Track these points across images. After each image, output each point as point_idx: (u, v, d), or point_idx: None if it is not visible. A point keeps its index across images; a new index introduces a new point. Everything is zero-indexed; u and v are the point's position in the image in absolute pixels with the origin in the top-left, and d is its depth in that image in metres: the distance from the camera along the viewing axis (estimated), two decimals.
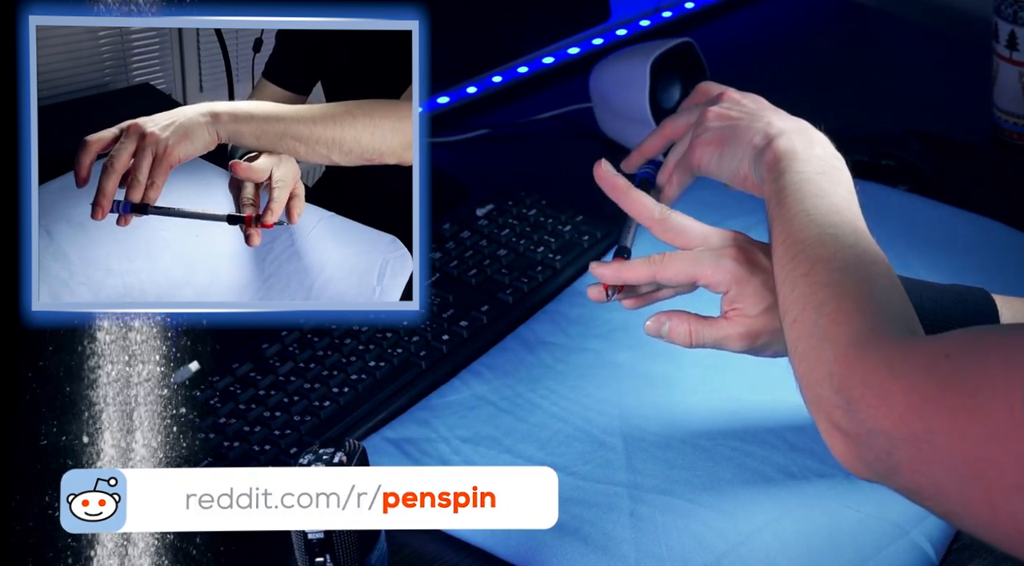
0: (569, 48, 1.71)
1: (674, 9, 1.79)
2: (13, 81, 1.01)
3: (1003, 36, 1.50)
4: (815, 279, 0.94)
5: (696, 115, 1.11)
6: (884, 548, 1.03)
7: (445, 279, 1.30)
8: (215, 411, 1.16)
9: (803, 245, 0.97)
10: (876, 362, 0.86)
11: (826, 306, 0.92)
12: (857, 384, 0.86)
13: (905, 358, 0.85)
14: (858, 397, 0.86)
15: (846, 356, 0.88)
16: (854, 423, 0.86)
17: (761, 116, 1.07)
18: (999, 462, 0.78)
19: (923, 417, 0.82)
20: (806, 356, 0.91)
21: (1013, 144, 1.54)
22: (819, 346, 0.90)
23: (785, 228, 0.99)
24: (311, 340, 1.22)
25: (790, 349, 0.94)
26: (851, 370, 0.87)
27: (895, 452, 0.84)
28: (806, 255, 0.96)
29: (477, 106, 1.64)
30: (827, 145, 1.06)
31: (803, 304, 0.94)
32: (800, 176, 1.02)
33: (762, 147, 1.05)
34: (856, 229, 0.99)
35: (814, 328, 0.92)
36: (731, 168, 1.08)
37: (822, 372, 0.89)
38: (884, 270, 0.95)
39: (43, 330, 1.03)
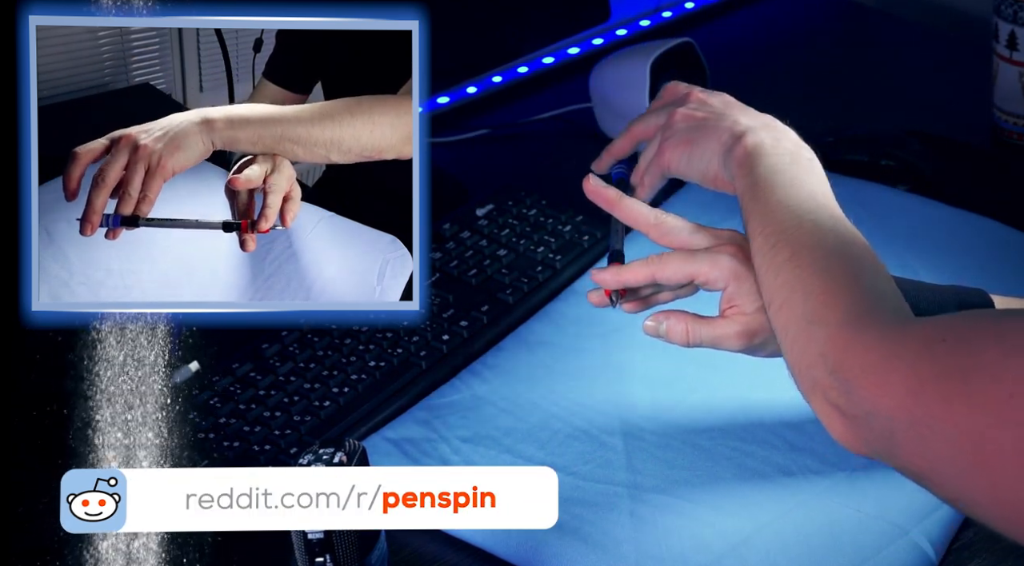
0: (569, 48, 1.71)
1: (674, 9, 1.79)
2: (13, 81, 1.01)
3: (1003, 36, 1.50)
4: (799, 264, 0.94)
5: (664, 116, 1.11)
6: (884, 548, 1.03)
7: (445, 279, 1.30)
8: (215, 411, 1.16)
9: (784, 233, 0.97)
10: (873, 343, 0.86)
11: (814, 289, 0.92)
12: (855, 366, 0.86)
13: (902, 341, 0.85)
14: (856, 378, 0.85)
15: (840, 337, 0.88)
16: (852, 404, 0.86)
17: (727, 115, 1.08)
18: (1000, 449, 0.78)
19: (922, 402, 0.82)
20: (797, 340, 0.91)
21: (1013, 144, 1.54)
22: (809, 329, 0.90)
23: (763, 219, 0.99)
24: (311, 340, 1.22)
25: (779, 336, 0.94)
26: (847, 351, 0.87)
27: (896, 434, 0.84)
28: (787, 242, 0.96)
29: (477, 106, 1.64)
30: (794, 137, 1.06)
31: (790, 289, 0.94)
32: (771, 168, 1.02)
33: (730, 145, 1.05)
34: (834, 215, 0.99)
35: (803, 311, 0.92)
36: (701, 168, 1.08)
37: (814, 355, 0.89)
38: (867, 253, 0.95)
39: (43, 330, 1.03)
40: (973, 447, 0.79)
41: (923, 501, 1.06)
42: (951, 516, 1.06)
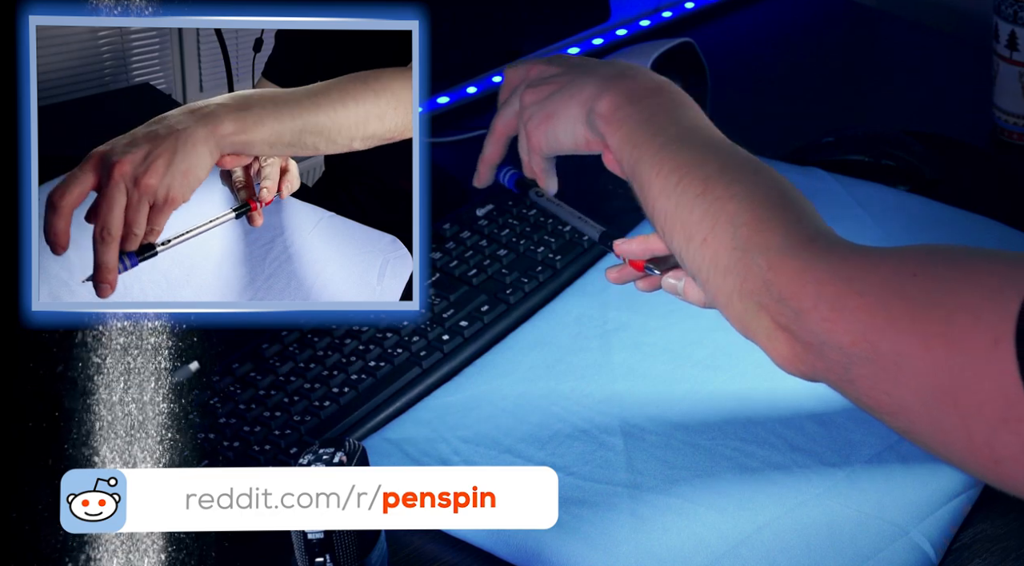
0: (569, 48, 1.71)
1: (674, 9, 1.79)
2: (13, 81, 1.01)
3: (1003, 36, 1.50)
4: (715, 195, 0.90)
5: (516, 102, 1.08)
6: (884, 548, 1.03)
7: (445, 279, 1.30)
8: (215, 411, 1.16)
9: (686, 167, 0.93)
10: (826, 275, 0.82)
11: (740, 216, 0.88)
12: (807, 296, 0.82)
13: (865, 272, 0.81)
14: (809, 310, 0.82)
15: (786, 265, 0.84)
16: (805, 332, 0.82)
17: (575, 77, 1.04)
18: (978, 393, 0.75)
19: (889, 338, 0.78)
20: (732, 270, 0.87)
21: (1013, 144, 1.54)
22: (746, 257, 0.86)
23: (655, 161, 0.95)
24: (311, 340, 1.22)
25: (708, 270, 0.89)
26: (797, 281, 0.83)
27: (852, 367, 0.80)
28: (693, 176, 0.92)
29: (477, 106, 1.64)
30: (653, 75, 1.02)
31: (712, 220, 0.89)
32: (643, 113, 0.98)
33: (591, 104, 1.01)
34: (727, 141, 0.95)
35: (734, 240, 0.87)
36: (569, 138, 1.04)
37: (757, 282, 0.85)
38: (779, 176, 0.91)
39: (43, 330, 1.03)
40: (949, 389, 0.76)
41: (923, 501, 1.06)
42: (951, 516, 1.06)
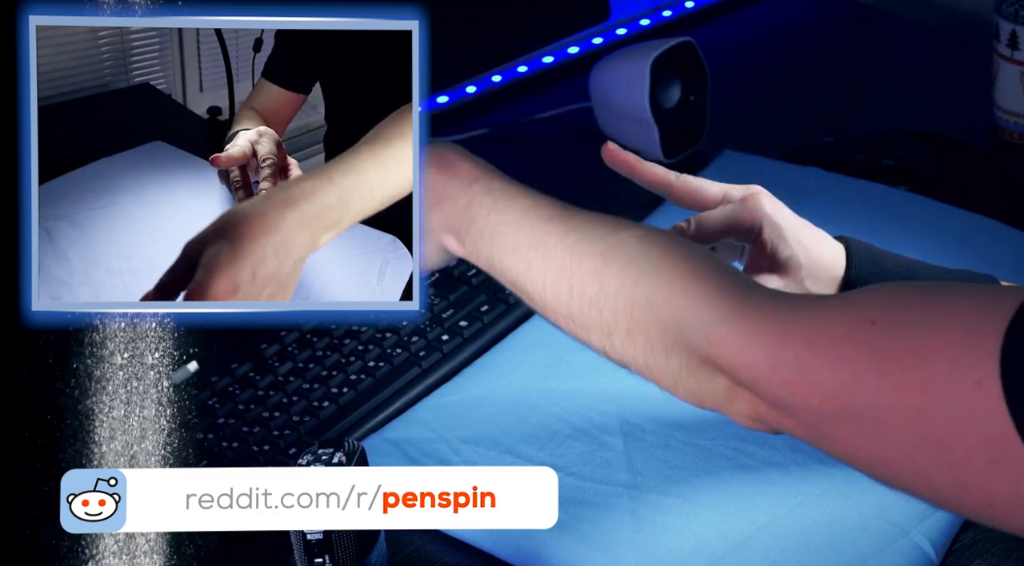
0: (569, 48, 1.71)
1: (674, 9, 1.79)
2: (13, 81, 1.01)
3: (1004, 35, 1.50)
4: (621, 283, 0.87)
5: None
6: (884, 548, 1.03)
7: (445, 279, 1.30)
8: (214, 411, 1.15)
9: (570, 269, 0.90)
10: (778, 335, 0.78)
11: (657, 299, 0.85)
12: (763, 363, 0.79)
13: (818, 329, 0.77)
14: (768, 375, 0.78)
15: (726, 338, 0.80)
16: (768, 395, 0.79)
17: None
18: (965, 436, 0.72)
19: (861, 393, 0.75)
20: (673, 351, 0.84)
21: (1013, 144, 1.54)
22: (682, 338, 0.83)
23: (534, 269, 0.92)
24: (311, 340, 1.22)
25: (644, 357, 0.87)
26: (746, 350, 0.79)
27: (824, 425, 0.78)
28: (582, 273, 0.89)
29: (477, 106, 1.64)
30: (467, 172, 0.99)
31: (628, 309, 0.87)
32: (486, 227, 0.96)
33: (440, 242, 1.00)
34: (590, 216, 0.91)
35: (664, 323, 0.84)
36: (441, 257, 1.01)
37: (697, 362, 0.82)
38: (665, 236, 0.89)
39: (43, 330, 1.03)
40: (932, 435, 0.73)
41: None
42: (952, 517, 1.06)
